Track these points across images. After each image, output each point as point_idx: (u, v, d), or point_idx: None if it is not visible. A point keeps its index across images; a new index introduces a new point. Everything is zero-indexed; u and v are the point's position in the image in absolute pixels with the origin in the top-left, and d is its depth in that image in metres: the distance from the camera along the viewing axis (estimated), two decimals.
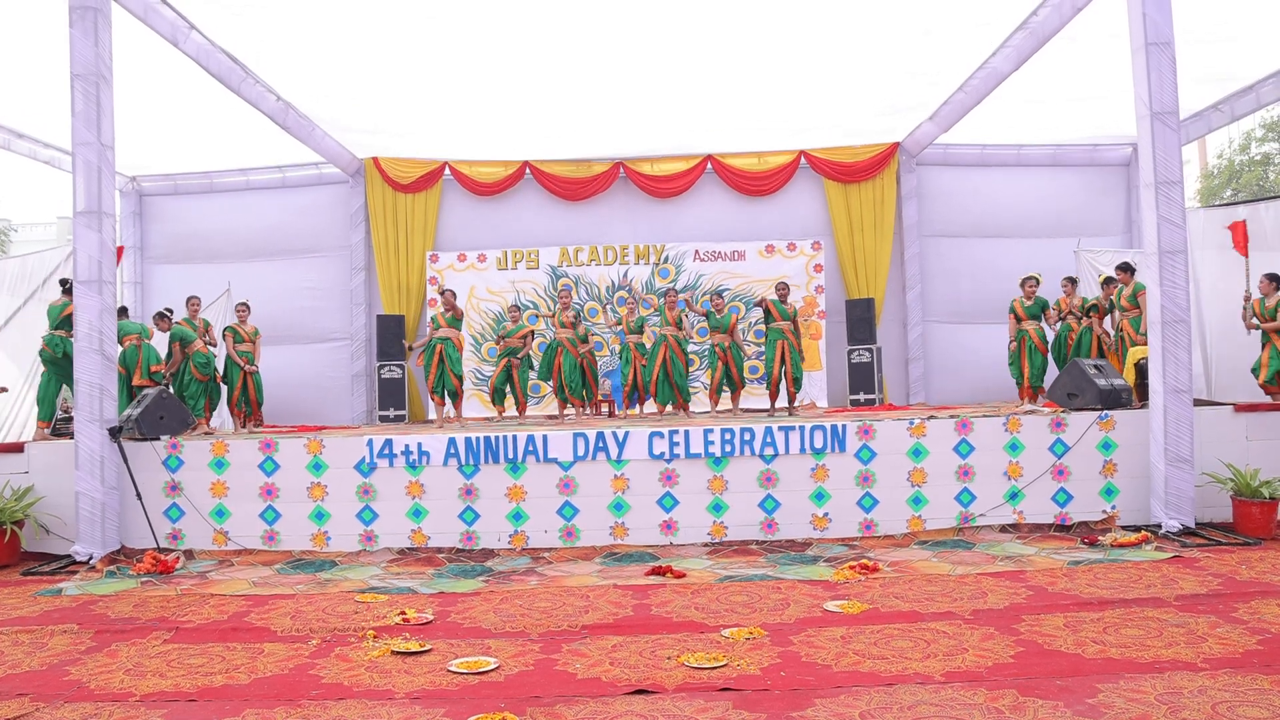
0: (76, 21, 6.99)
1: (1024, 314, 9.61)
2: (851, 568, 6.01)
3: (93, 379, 7.02)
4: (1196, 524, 6.80)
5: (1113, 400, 7.33)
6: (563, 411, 10.09)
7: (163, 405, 7.61)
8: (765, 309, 9.62)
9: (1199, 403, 7.40)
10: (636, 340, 9.94)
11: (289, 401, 11.81)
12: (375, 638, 4.79)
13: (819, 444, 7.17)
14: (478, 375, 11.87)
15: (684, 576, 6.06)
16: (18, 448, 7.52)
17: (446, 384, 9.75)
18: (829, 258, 12.23)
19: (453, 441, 7.21)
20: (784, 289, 9.79)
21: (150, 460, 7.28)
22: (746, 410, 10.07)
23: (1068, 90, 10.27)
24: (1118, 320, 9.19)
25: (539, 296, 12.13)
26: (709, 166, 12.38)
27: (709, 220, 12.47)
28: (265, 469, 7.26)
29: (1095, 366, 7.68)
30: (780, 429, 7.19)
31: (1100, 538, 6.66)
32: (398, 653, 4.50)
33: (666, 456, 7.16)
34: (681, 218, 12.49)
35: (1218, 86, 10.39)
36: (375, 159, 12.26)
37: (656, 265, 12.13)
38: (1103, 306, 9.48)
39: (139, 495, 7.12)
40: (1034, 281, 9.62)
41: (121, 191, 12.48)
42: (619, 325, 10.10)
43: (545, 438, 7.21)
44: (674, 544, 7.05)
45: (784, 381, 9.53)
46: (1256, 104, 10.64)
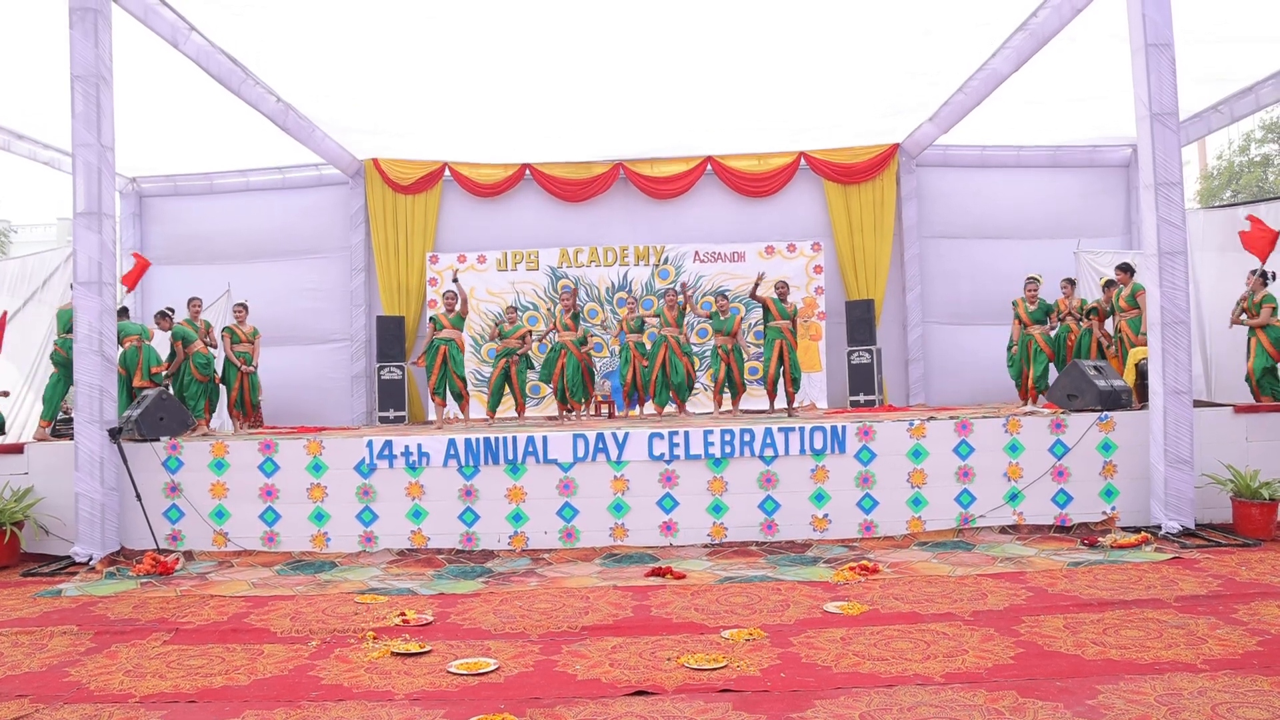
0: (77, 23, 6.99)
1: (1028, 319, 9.57)
2: (851, 569, 6.01)
3: (92, 380, 7.02)
4: (1196, 525, 6.80)
5: (1112, 401, 7.33)
6: (562, 412, 10.09)
7: (162, 406, 7.61)
8: (764, 307, 9.62)
9: (1199, 404, 7.40)
10: (636, 340, 9.95)
11: (289, 402, 11.83)
12: (375, 639, 4.78)
13: (819, 445, 7.17)
14: (477, 376, 11.87)
15: (684, 578, 6.06)
16: (17, 449, 7.52)
17: (450, 385, 9.72)
18: (829, 259, 12.24)
19: (452, 443, 7.21)
20: (783, 288, 9.77)
21: (150, 461, 7.28)
22: (746, 412, 10.08)
23: (1067, 91, 10.28)
24: (1117, 322, 9.18)
25: (539, 298, 12.14)
26: (709, 168, 12.39)
27: (709, 221, 12.48)
28: (265, 470, 7.26)
29: (1095, 368, 7.68)
30: (780, 430, 7.18)
31: (1100, 539, 6.66)
32: (397, 654, 4.49)
33: (666, 458, 7.16)
34: (681, 219, 12.50)
35: (1217, 87, 10.40)
36: (375, 160, 12.27)
37: (656, 266, 12.13)
38: (1103, 310, 9.46)
39: (139, 496, 7.12)
40: (1034, 283, 9.60)
41: (121, 193, 12.49)
42: (622, 330, 10.08)
43: (545, 439, 7.21)
44: (674, 545, 7.05)
45: (782, 381, 9.53)
46: (1256, 105, 10.65)
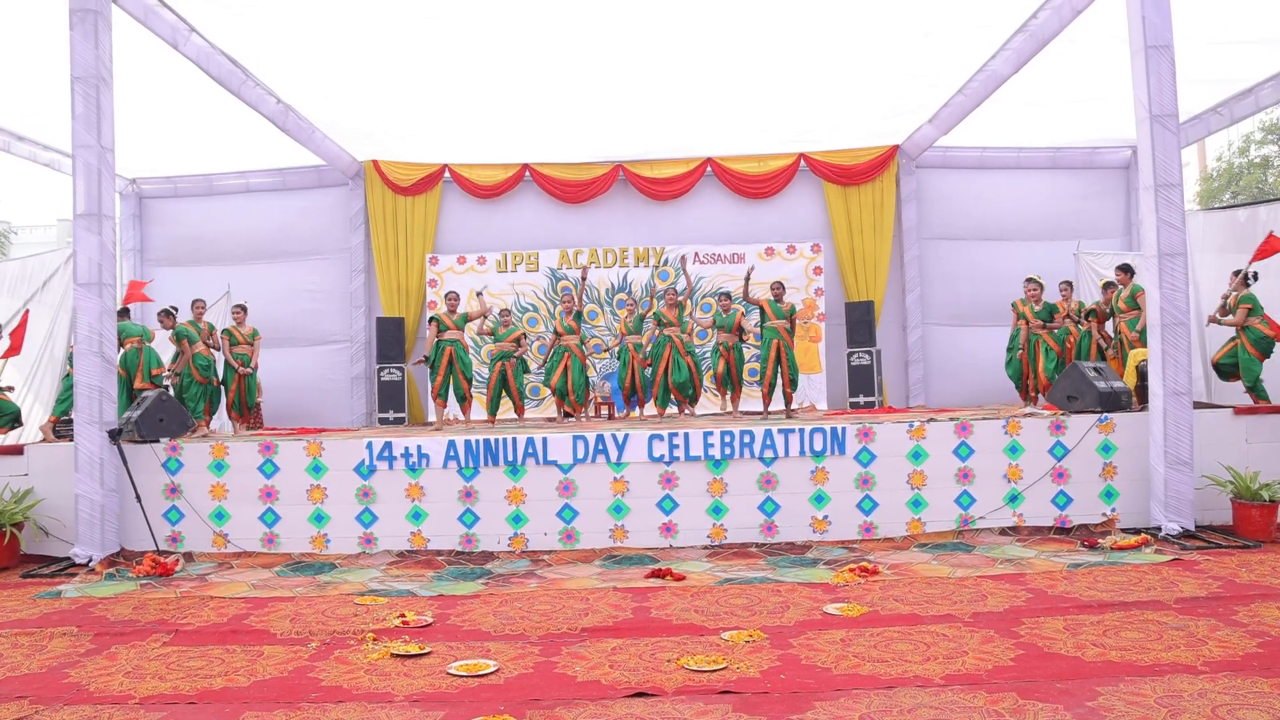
0: (77, 24, 7.00)
1: (1035, 319, 9.48)
2: (851, 570, 6.01)
3: (92, 381, 7.01)
4: (1196, 527, 6.80)
5: (1112, 403, 7.33)
6: (561, 412, 10.05)
7: (162, 407, 7.61)
8: (759, 308, 9.60)
9: (1199, 405, 7.40)
10: (635, 341, 9.93)
11: (289, 404, 11.83)
12: (375, 640, 4.78)
13: (819, 446, 7.17)
14: (478, 378, 11.86)
15: (684, 579, 6.06)
16: (17, 450, 7.52)
17: (456, 387, 9.68)
18: (828, 260, 12.24)
19: (452, 444, 7.21)
20: (779, 288, 9.70)
21: (150, 463, 7.28)
22: (746, 413, 10.07)
23: (1067, 93, 10.28)
24: (1117, 324, 9.17)
25: (539, 299, 12.13)
26: (709, 169, 12.38)
27: (709, 223, 12.47)
28: (265, 471, 7.26)
29: (1095, 369, 7.68)
30: (780, 431, 7.18)
31: (1100, 540, 6.66)
32: (397, 655, 4.49)
33: (666, 459, 7.15)
34: (681, 220, 12.49)
35: (1217, 89, 10.40)
36: (375, 161, 12.27)
37: (656, 268, 12.12)
38: (1102, 312, 9.45)
39: (138, 498, 7.12)
40: (1038, 285, 9.52)
41: (121, 194, 12.49)
42: (628, 334, 10.05)
43: (545, 440, 7.21)
44: (674, 546, 7.05)
45: (780, 382, 9.50)
46: (1255, 106, 10.65)
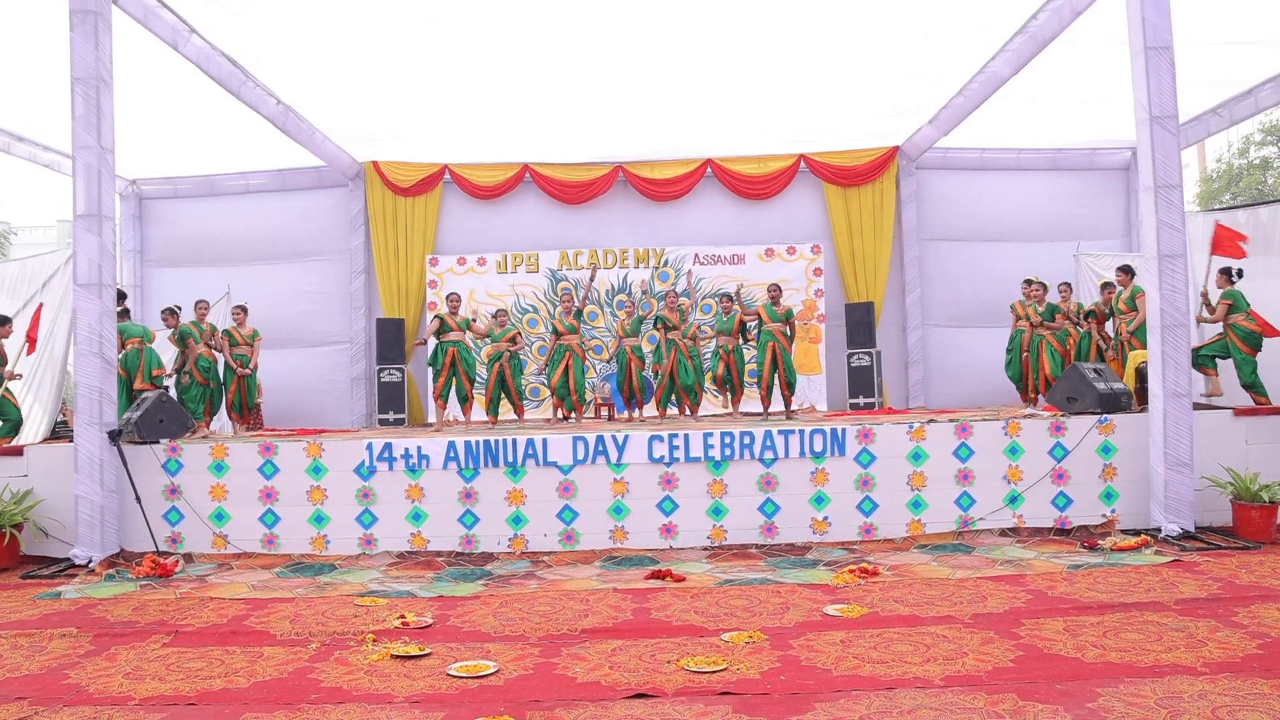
0: (77, 25, 7.00)
1: (1038, 319, 9.47)
2: (851, 571, 6.01)
3: (92, 382, 7.01)
4: (1196, 528, 6.80)
5: (1112, 404, 7.33)
6: (558, 412, 10.03)
7: (162, 408, 7.61)
8: (757, 316, 9.56)
9: (1198, 407, 7.41)
10: (634, 343, 9.92)
11: (289, 405, 11.82)
12: (374, 641, 4.78)
13: (818, 448, 7.17)
14: (477, 379, 11.85)
15: (683, 580, 6.06)
16: (17, 451, 7.52)
17: (459, 388, 9.66)
18: (828, 261, 12.23)
19: (452, 445, 7.21)
20: (776, 290, 9.67)
21: (150, 463, 7.28)
22: (746, 414, 10.07)
23: (1067, 94, 10.29)
24: (1116, 325, 9.18)
25: (539, 300, 12.13)
26: (709, 170, 12.37)
27: (709, 224, 12.46)
28: (265, 472, 7.25)
29: (1095, 370, 7.68)
30: (780, 432, 7.18)
31: (1100, 541, 6.66)
32: (397, 656, 4.49)
33: (666, 460, 7.15)
34: (681, 221, 12.48)
35: (1216, 90, 10.41)
36: (375, 162, 12.27)
37: (656, 269, 12.12)
38: (1101, 313, 9.45)
39: (138, 498, 7.12)
40: (1041, 286, 9.51)
41: (121, 195, 12.47)
42: (625, 336, 10.03)
43: (545, 441, 7.21)
44: (674, 548, 7.05)
45: (777, 385, 9.49)
46: (1255, 108, 10.65)
